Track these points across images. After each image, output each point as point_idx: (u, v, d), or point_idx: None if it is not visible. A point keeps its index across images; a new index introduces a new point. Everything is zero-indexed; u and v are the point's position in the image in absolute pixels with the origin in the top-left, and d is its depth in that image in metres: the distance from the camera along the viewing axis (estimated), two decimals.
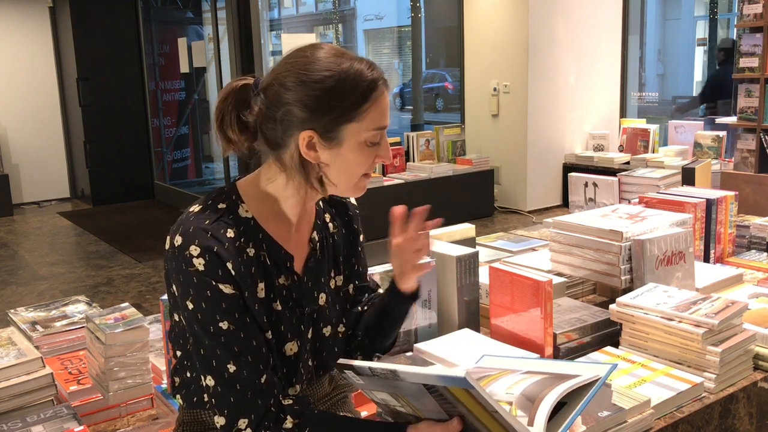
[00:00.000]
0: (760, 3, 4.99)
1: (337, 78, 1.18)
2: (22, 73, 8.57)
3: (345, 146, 1.20)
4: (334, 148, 1.20)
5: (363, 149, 1.22)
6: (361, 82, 1.19)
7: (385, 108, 1.23)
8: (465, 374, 1.00)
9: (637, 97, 8.00)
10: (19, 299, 5.07)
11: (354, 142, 1.20)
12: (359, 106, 1.19)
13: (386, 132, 1.26)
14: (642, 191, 2.39)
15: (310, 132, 1.19)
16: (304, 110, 1.18)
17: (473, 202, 6.93)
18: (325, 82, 1.17)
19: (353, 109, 1.18)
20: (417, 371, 1.06)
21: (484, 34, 7.26)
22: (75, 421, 1.52)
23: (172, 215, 7.84)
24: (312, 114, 1.18)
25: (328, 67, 1.18)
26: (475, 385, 1.01)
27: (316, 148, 1.20)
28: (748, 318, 1.62)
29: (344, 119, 1.18)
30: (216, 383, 1.16)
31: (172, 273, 1.19)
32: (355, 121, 1.19)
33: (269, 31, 12.23)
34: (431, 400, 1.09)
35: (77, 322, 1.94)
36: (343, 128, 1.19)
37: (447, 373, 1.04)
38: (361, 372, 1.14)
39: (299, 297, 1.28)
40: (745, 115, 5.23)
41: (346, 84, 1.18)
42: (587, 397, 1.18)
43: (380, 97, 1.21)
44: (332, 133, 1.19)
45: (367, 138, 1.21)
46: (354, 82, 1.19)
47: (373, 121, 1.20)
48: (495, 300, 1.70)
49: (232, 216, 1.21)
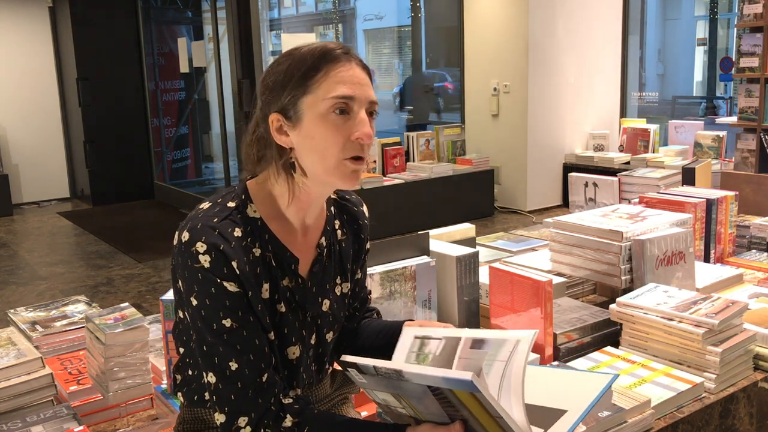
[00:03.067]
0: (760, 3, 4.99)
1: (294, 57, 1.19)
2: (22, 73, 8.56)
3: (306, 122, 1.17)
4: (298, 127, 1.18)
5: (326, 122, 1.16)
6: (314, 55, 1.18)
7: (347, 77, 1.18)
8: (471, 377, 0.99)
9: (637, 97, 8.00)
10: (19, 299, 5.07)
11: (314, 115, 1.17)
12: (310, 77, 1.17)
13: (359, 106, 1.18)
14: (642, 191, 2.39)
15: (275, 114, 1.19)
16: (266, 93, 1.20)
17: (473, 202, 6.93)
18: (282, 64, 1.20)
19: (304, 80, 1.17)
20: (422, 372, 1.05)
21: (484, 34, 7.26)
22: (75, 421, 1.51)
23: (172, 215, 7.80)
24: (271, 95, 1.20)
25: (291, 53, 1.20)
26: (482, 389, 1.00)
27: (285, 131, 1.20)
28: (748, 318, 1.62)
29: (297, 93, 1.17)
30: (217, 380, 1.16)
31: (178, 268, 1.19)
32: (309, 93, 1.17)
33: (269, 31, 12.24)
34: (434, 402, 1.09)
35: (77, 322, 1.94)
36: (299, 103, 1.18)
37: (453, 376, 1.02)
38: (365, 371, 1.14)
39: (302, 300, 1.28)
40: (745, 115, 5.22)
41: (299, 60, 1.18)
42: (590, 404, 1.18)
43: (335, 65, 1.17)
44: (291, 111, 1.18)
45: (326, 108, 1.16)
46: (306, 56, 1.18)
47: (328, 89, 1.16)
48: (495, 300, 1.70)
49: (240, 215, 1.21)
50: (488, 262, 2.02)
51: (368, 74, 1.22)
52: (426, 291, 1.74)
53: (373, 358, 1.13)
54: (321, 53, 1.18)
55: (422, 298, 1.74)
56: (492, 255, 2.32)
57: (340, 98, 1.16)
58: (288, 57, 1.20)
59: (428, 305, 1.75)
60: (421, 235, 1.84)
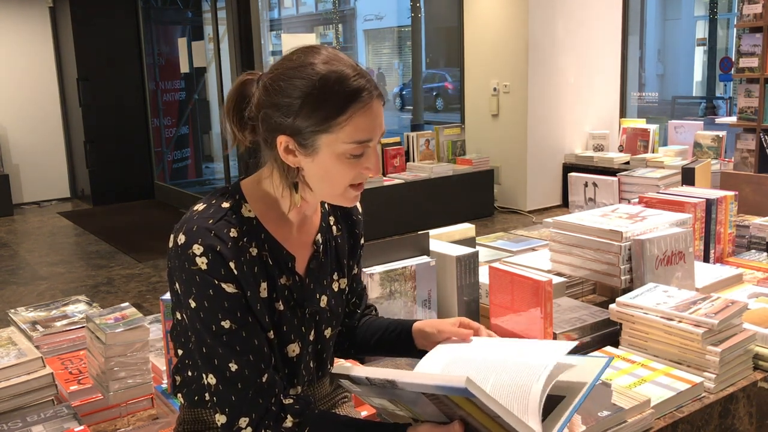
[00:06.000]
0: (760, 3, 4.99)
1: (315, 86, 1.14)
2: (22, 73, 8.56)
3: (322, 156, 1.17)
4: (312, 156, 1.17)
5: (342, 161, 1.17)
6: (339, 92, 1.14)
7: (369, 121, 1.16)
8: (465, 383, 0.98)
9: (637, 97, 8.00)
10: (20, 299, 5.07)
11: (331, 153, 1.16)
12: (334, 117, 1.14)
13: (374, 143, 1.19)
14: (642, 191, 2.39)
15: (287, 137, 1.17)
16: (280, 116, 1.16)
17: (473, 202, 6.93)
18: (301, 90, 1.14)
19: (326, 120, 1.14)
20: (415, 381, 1.05)
21: (484, 34, 7.26)
22: (75, 421, 1.52)
23: (172, 215, 7.79)
24: (286, 120, 1.15)
25: (309, 75, 1.14)
26: (477, 393, 0.99)
27: (294, 153, 1.18)
28: (747, 318, 1.62)
29: (317, 130, 1.15)
30: (217, 382, 1.16)
31: (175, 271, 1.19)
32: (329, 133, 1.15)
33: (269, 31, 12.23)
34: (430, 404, 1.08)
35: (77, 322, 1.94)
36: (318, 138, 1.15)
37: (447, 383, 1.01)
38: (358, 381, 1.14)
39: (300, 298, 1.28)
40: (745, 115, 5.23)
41: (323, 93, 1.13)
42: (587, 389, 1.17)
43: (363, 108, 1.15)
44: (306, 141, 1.16)
45: (345, 151, 1.16)
46: (331, 91, 1.13)
47: (351, 134, 1.15)
48: (495, 300, 1.70)
49: (235, 215, 1.21)
50: (488, 262, 2.02)
51: (383, 102, 1.21)
52: (426, 291, 1.74)
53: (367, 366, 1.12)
54: (348, 94, 1.14)
55: (422, 298, 1.74)
56: (492, 255, 2.32)
57: (359, 143, 1.16)
58: (307, 79, 1.14)
59: (428, 305, 1.75)
60: (421, 235, 1.84)
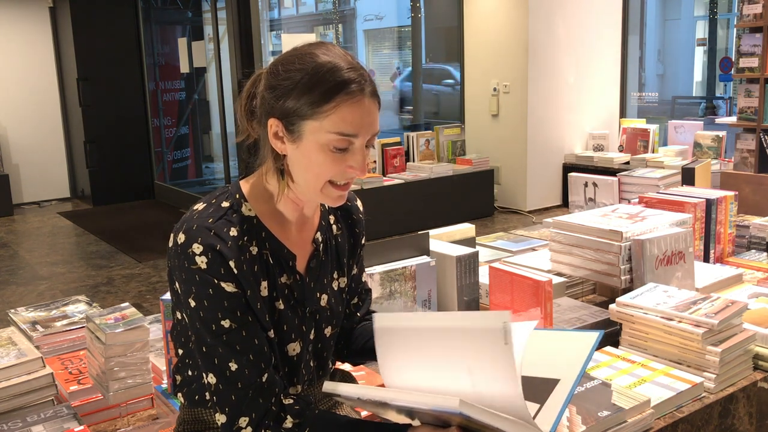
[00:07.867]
0: (760, 3, 4.99)
1: (308, 71, 1.15)
2: (22, 73, 8.56)
3: (305, 143, 1.17)
4: (296, 143, 1.18)
5: (325, 151, 1.16)
6: (329, 80, 1.14)
7: (357, 115, 1.15)
8: (459, 405, 0.95)
9: (637, 97, 8.00)
10: (20, 299, 5.07)
11: (315, 141, 1.16)
12: (320, 104, 1.14)
13: (361, 141, 1.17)
14: (642, 191, 2.39)
15: (276, 121, 1.18)
16: (273, 98, 1.18)
17: (473, 202, 6.93)
18: (294, 70, 1.16)
19: (312, 106, 1.14)
20: (407, 403, 1.03)
21: (484, 34, 7.26)
22: (75, 421, 1.52)
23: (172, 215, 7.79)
24: (278, 102, 1.17)
25: (305, 62, 1.16)
26: (472, 413, 0.97)
27: (282, 139, 1.19)
28: (747, 318, 1.62)
29: (303, 115, 1.15)
30: (217, 381, 1.16)
31: (174, 271, 1.19)
32: (314, 120, 1.15)
33: (269, 31, 12.22)
34: (425, 414, 1.08)
35: (77, 322, 1.94)
36: (303, 124, 1.16)
37: (440, 406, 0.98)
38: (349, 398, 1.13)
39: (301, 296, 1.28)
40: (745, 115, 5.23)
41: (313, 79, 1.15)
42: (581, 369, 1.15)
43: (351, 101, 1.14)
44: (293, 126, 1.17)
45: (329, 141, 1.15)
46: (322, 79, 1.14)
47: (336, 124, 1.14)
48: (495, 300, 1.70)
49: (235, 214, 1.21)
50: (488, 262, 2.02)
51: (378, 103, 1.19)
52: (426, 291, 1.74)
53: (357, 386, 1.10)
54: (337, 82, 1.14)
55: (422, 298, 1.75)
56: (492, 255, 2.32)
57: (343, 135, 1.15)
58: (303, 65, 1.16)
59: (428, 305, 1.75)
60: (421, 235, 1.84)
